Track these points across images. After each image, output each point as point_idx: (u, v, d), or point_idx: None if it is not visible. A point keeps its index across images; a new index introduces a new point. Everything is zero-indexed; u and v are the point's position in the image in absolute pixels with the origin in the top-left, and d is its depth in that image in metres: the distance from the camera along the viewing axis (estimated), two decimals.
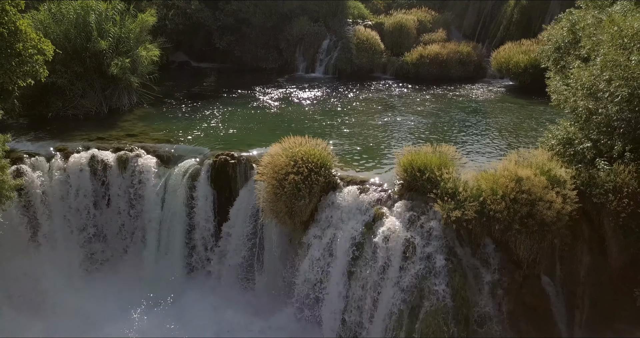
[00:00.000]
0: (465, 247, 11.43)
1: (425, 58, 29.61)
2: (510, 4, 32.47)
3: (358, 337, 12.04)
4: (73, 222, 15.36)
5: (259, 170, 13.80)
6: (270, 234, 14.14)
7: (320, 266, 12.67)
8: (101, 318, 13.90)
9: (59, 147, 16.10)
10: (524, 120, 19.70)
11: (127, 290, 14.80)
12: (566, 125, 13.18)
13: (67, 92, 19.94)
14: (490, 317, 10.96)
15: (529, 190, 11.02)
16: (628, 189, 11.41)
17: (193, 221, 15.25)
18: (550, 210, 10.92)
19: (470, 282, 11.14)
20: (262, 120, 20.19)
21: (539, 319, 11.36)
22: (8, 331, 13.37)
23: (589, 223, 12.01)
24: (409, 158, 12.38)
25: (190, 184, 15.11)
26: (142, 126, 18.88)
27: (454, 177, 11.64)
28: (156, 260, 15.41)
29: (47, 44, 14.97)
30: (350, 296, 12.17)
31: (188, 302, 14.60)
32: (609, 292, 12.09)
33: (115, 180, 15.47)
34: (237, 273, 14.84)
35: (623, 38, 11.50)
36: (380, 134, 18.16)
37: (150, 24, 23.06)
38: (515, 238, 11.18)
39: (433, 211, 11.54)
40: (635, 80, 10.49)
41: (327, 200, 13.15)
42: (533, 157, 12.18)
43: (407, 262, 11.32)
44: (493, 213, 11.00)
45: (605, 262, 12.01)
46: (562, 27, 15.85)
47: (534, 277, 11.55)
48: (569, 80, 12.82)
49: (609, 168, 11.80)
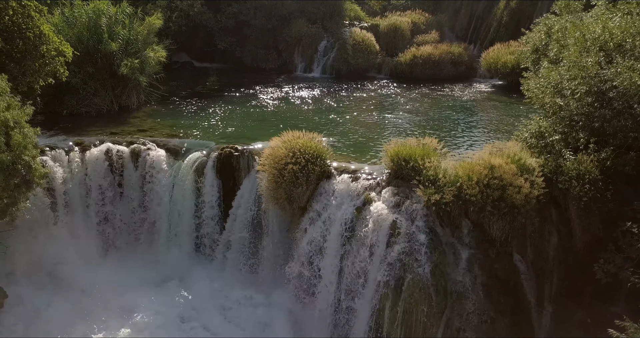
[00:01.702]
0: (445, 227, 12.82)
1: (418, 58, 30.98)
2: (500, 6, 33.68)
3: (351, 305, 13.46)
4: (90, 208, 16.78)
5: (261, 161, 15.20)
6: (271, 219, 15.54)
7: (316, 245, 14.09)
8: (116, 294, 15.36)
9: (76, 141, 17.47)
10: (506, 117, 21.11)
11: (140, 271, 16.27)
12: (538, 120, 14.60)
13: (80, 90, 21.26)
14: (467, 288, 12.34)
15: (500, 176, 12.41)
16: (590, 176, 12.79)
17: (200, 208, 16.65)
18: (519, 194, 12.31)
19: (449, 258, 12.54)
20: (262, 117, 21.57)
21: (510, 291, 12.73)
22: (31, 305, 14.75)
23: (556, 207, 13.38)
24: (395, 149, 13.78)
25: (197, 175, 16.51)
26: (151, 122, 20.25)
27: (435, 166, 13.02)
28: (166, 243, 16.84)
29: (66, 46, 16.40)
30: (343, 270, 13.59)
31: (195, 281, 16.03)
32: (575, 269, 13.44)
33: (129, 171, 16.88)
34: (241, 255, 16.26)
35: (586, 42, 12.94)
36: (372, 130, 19.57)
37: (157, 26, 24.39)
38: (489, 219, 12.57)
39: (416, 196, 12.93)
40: (591, 78, 11.90)
41: (323, 187, 14.57)
42: (506, 148, 13.57)
43: (393, 240, 12.73)
44: (469, 197, 12.39)
45: (571, 242, 13.36)
46: (540, 31, 17.27)
47: (506, 254, 12.93)
48: (540, 79, 14.23)
49: (574, 158, 13.20)
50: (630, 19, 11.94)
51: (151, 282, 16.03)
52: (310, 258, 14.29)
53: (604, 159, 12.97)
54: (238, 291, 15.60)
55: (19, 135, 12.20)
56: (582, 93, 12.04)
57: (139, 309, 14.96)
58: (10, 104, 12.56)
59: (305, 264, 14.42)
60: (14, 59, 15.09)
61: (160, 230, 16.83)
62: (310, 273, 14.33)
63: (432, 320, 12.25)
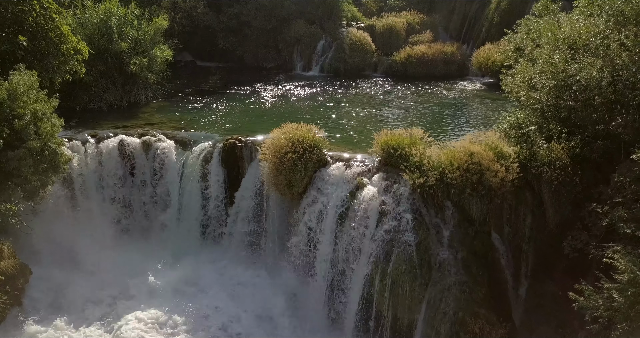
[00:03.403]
0: (429, 208, 14.19)
1: (412, 57, 32.34)
2: (491, 7, 34.96)
3: (344, 278, 14.86)
4: (105, 195, 18.24)
5: (262, 151, 16.58)
6: (272, 204, 16.94)
7: (314, 226, 15.49)
8: (130, 271, 16.83)
9: (91, 133, 18.85)
10: (492, 112, 22.48)
11: (152, 251, 17.74)
12: (516, 112, 15.99)
13: (92, 87, 22.61)
14: (448, 262, 13.73)
15: (479, 162, 13.79)
16: (560, 162, 14.18)
17: (207, 194, 18.04)
18: (495, 178, 13.69)
19: (432, 235, 13.92)
20: (262, 113, 22.93)
21: (487, 265, 14.09)
22: (52, 283, 16.15)
23: (530, 190, 14.76)
24: (385, 139, 15.17)
25: (204, 164, 17.90)
26: (159, 117, 21.64)
27: (421, 153, 14.40)
28: (176, 227, 18.25)
29: (83, 45, 17.77)
30: (338, 248, 14.99)
31: (202, 262, 17.46)
32: (548, 247, 14.81)
33: (141, 161, 18.28)
34: (245, 237, 17.66)
35: (557, 41, 14.34)
36: (365, 123, 20.96)
37: (163, 27, 25.72)
38: (469, 201, 13.94)
39: (404, 180, 14.31)
40: (559, 73, 13.30)
41: (319, 174, 15.95)
42: (485, 137, 14.96)
43: (382, 220, 14.13)
44: (450, 180, 13.77)
45: (544, 222, 14.76)
46: (522, 31, 18.64)
47: (485, 233, 14.29)
48: (517, 75, 15.63)
49: (546, 146, 14.58)
50: (593, 21, 13.31)
51: (162, 262, 17.41)
52: (308, 237, 15.67)
53: (574, 147, 14.37)
54: (242, 270, 16.99)
55: (47, 124, 13.60)
56: (551, 86, 13.44)
57: (151, 283, 16.42)
58: (38, 97, 13.94)
59: (303, 243, 15.81)
60: (37, 57, 16.48)
61: (170, 215, 18.21)
62: (308, 251, 15.72)
63: (417, 290, 13.64)
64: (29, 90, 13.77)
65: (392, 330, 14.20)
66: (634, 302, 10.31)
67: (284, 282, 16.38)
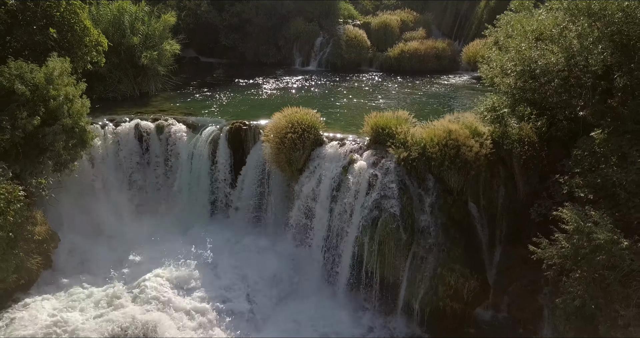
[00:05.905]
0: (412, 180, 16.06)
1: (406, 53, 34.15)
2: (481, 6, 36.81)
3: (338, 241, 16.77)
4: (123, 173, 20.12)
5: (265, 132, 18.45)
6: (274, 179, 18.85)
7: (311, 197, 17.40)
8: (145, 241, 18.74)
9: (109, 117, 20.76)
10: (474, 101, 24.28)
11: (166, 224, 19.62)
12: (492, 96, 17.90)
13: (107, 78, 24.42)
14: (429, 226, 15.62)
15: (456, 138, 15.67)
16: (529, 140, 16.08)
17: (215, 173, 19.94)
18: (470, 152, 15.57)
19: (415, 203, 15.81)
20: (263, 102, 24.73)
21: (463, 229, 15.95)
22: (78, 248, 18.08)
23: (503, 165, 16.63)
24: (375, 120, 17.08)
25: (212, 145, 19.77)
26: (169, 105, 23.52)
27: (405, 131, 16.30)
28: (187, 202, 20.17)
29: (103, 38, 19.66)
30: (332, 215, 16.89)
31: (211, 232, 19.32)
32: (519, 216, 16.60)
33: (155, 142, 20.18)
34: (249, 211, 19.58)
35: (526, 33, 16.26)
36: (358, 111, 22.75)
37: (171, 23, 27.63)
38: (447, 173, 15.79)
39: (390, 155, 16.21)
40: (525, 60, 15.21)
41: (316, 152, 17.85)
42: (463, 118, 16.88)
43: (371, 189, 16.03)
44: (430, 154, 15.66)
45: (516, 192, 16.65)
46: (500, 25, 20.55)
47: (462, 202, 16.20)
48: (492, 63, 17.54)
49: (517, 125, 16.48)
50: (555, 14, 15.24)
51: (175, 232, 19.33)
52: (306, 208, 17.58)
53: (541, 126, 16.26)
54: (248, 239, 18.87)
55: (77, 103, 15.50)
56: (518, 71, 15.36)
57: (167, 249, 18.30)
58: (69, 81, 15.84)
59: (302, 213, 17.72)
60: (64, 47, 18.38)
61: (181, 192, 20.12)
62: (306, 220, 17.63)
63: (402, 250, 15.54)
64: (62, 75, 15.67)
65: (380, 285, 16.12)
66: (579, 246, 12.21)
67: (285, 248, 18.24)
